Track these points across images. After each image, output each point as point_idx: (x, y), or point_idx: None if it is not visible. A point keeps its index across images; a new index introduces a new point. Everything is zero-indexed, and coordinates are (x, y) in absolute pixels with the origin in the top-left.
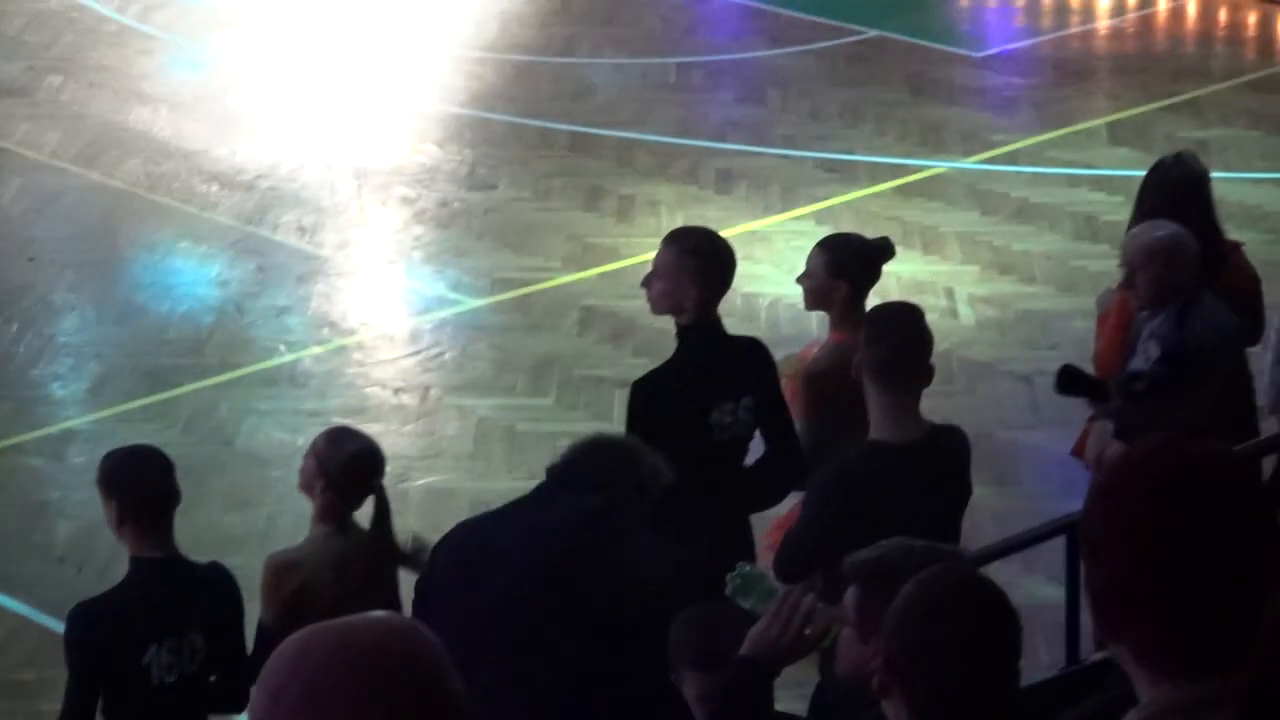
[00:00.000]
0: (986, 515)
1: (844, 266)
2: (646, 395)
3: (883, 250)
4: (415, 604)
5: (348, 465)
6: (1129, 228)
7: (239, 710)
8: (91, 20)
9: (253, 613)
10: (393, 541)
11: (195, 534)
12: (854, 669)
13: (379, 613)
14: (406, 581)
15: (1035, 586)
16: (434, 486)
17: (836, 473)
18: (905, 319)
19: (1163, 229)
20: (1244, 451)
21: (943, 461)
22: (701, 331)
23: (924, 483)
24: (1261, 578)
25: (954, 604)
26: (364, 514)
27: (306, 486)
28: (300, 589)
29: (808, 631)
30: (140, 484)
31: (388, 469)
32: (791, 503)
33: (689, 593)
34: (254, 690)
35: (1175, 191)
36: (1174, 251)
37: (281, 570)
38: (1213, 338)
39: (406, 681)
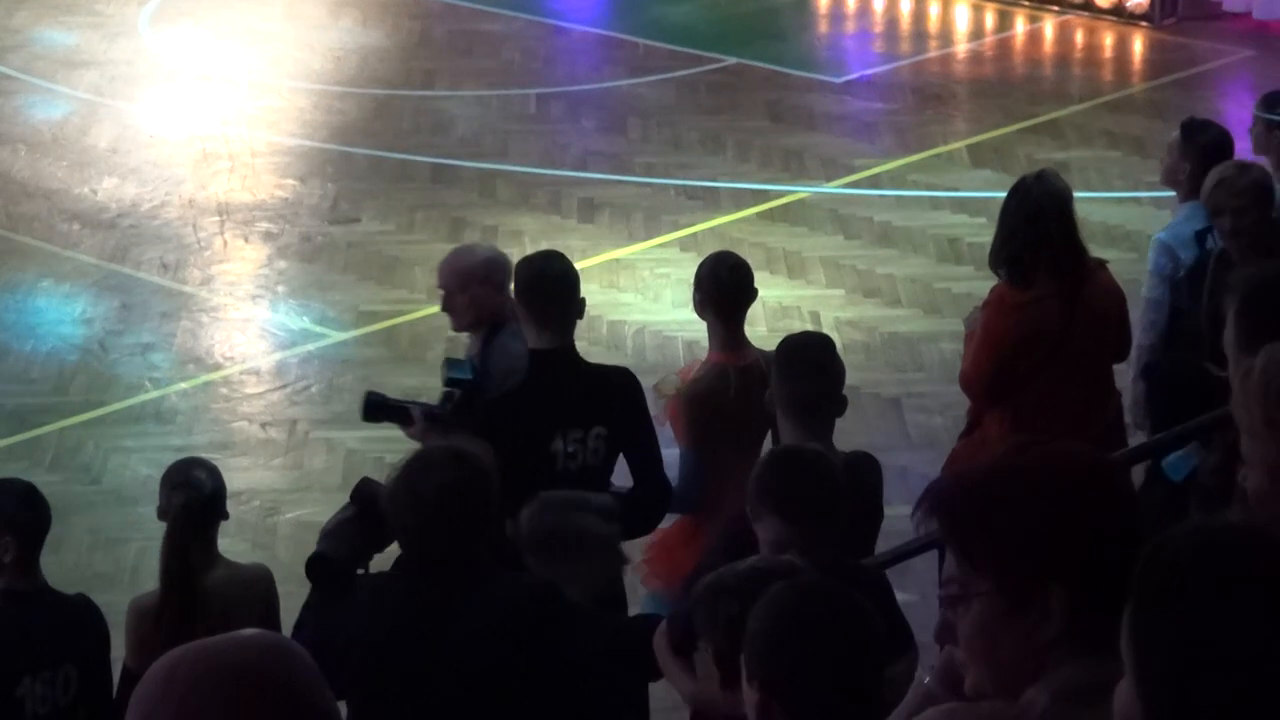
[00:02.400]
0: (897, 536)
1: (706, 297)
2: (487, 420)
3: (734, 274)
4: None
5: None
6: (993, 247)
7: None
8: None
9: (119, 652)
10: (185, 570)
11: (64, 572)
12: (711, 690)
13: (249, 631)
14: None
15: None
16: (303, 520)
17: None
18: (815, 353)
19: (478, 254)
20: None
21: (858, 488)
22: (549, 357)
23: None
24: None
25: (809, 607)
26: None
27: (162, 514)
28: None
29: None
30: (29, 515)
31: (256, 503)
32: (672, 526)
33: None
34: (127, 714)
35: (1037, 209)
36: (488, 273)
37: (144, 613)
38: (512, 363)
39: (273, 701)
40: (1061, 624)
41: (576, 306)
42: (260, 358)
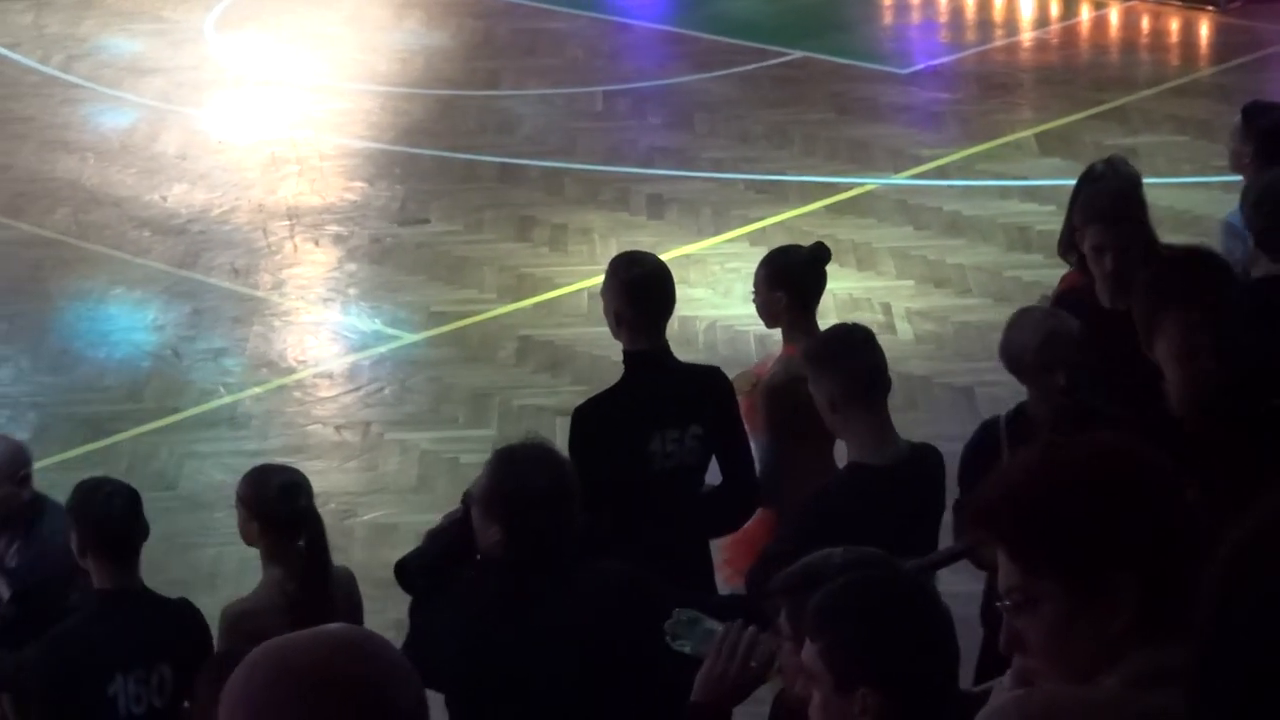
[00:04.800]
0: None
1: (779, 277)
2: (585, 421)
3: (815, 255)
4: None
5: (277, 498)
6: (1061, 236)
7: None
8: (14, 72)
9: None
10: (327, 568)
11: (141, 578)
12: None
13: (332, 627)
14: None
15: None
16: (379, 522)
17: (818, 494)
18: (855, 337)
19: None
20: None
21: (920, 482)
22: (646, 358)
23: (902, 504)
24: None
25: (890, 597)
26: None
27: (246, 535)
28: (254, 637)
29: (753, 664)
30: (101, 515)
31: (331, 506)
32: (751, 521)
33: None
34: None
35: (1109, 197)
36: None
37: (237, 620)
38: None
39: (339, 698)
40: (1133, 613)
41: (670, 306)
42: (332, 360)
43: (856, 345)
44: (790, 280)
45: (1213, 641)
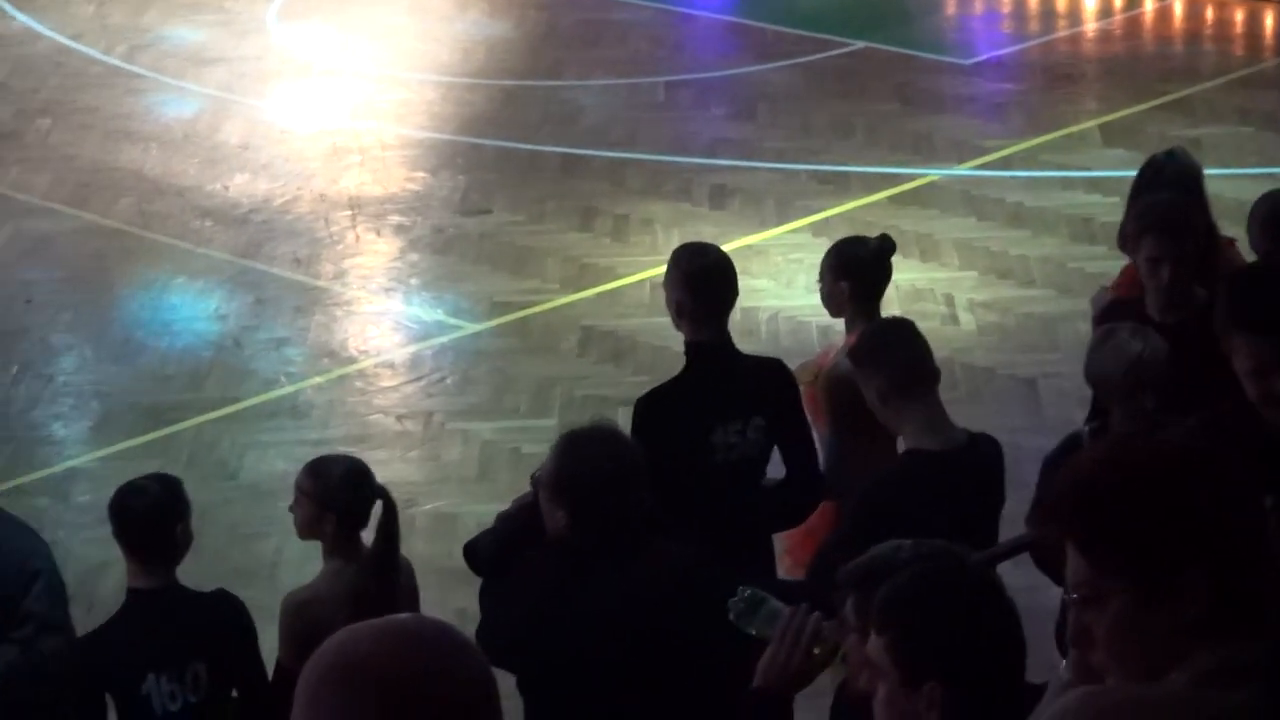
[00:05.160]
0: (1012, 523)
1: (844, 268)
2: (646, 412)
3: (882, 248)
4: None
5: (342, 486)
6: (1122, 227)
7: None
8: (78, 63)
9: (269, 645)
10: (397, 549)
11: (201, 569)
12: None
13: (400, 617)
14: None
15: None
16: (441, 511)
17: (875, 482)
18: (900, 328)
19: None
20: None
21: (981, 469)
22: (708, 349)
23: (963, 490)
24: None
25: (958, 590)
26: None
27: (308, 526)
28: (316, 626)
29: (816, 651)
30: (126, 514)
31: (394, 496)
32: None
33: None
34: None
35: (1169, 187)
36: None
37: (297, 609)
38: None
39: (405, 691)
40: (1202, 610)
41: (733, 298)
42: (394, 350)
43: (897, 338)
44: (856, 271)
45: None
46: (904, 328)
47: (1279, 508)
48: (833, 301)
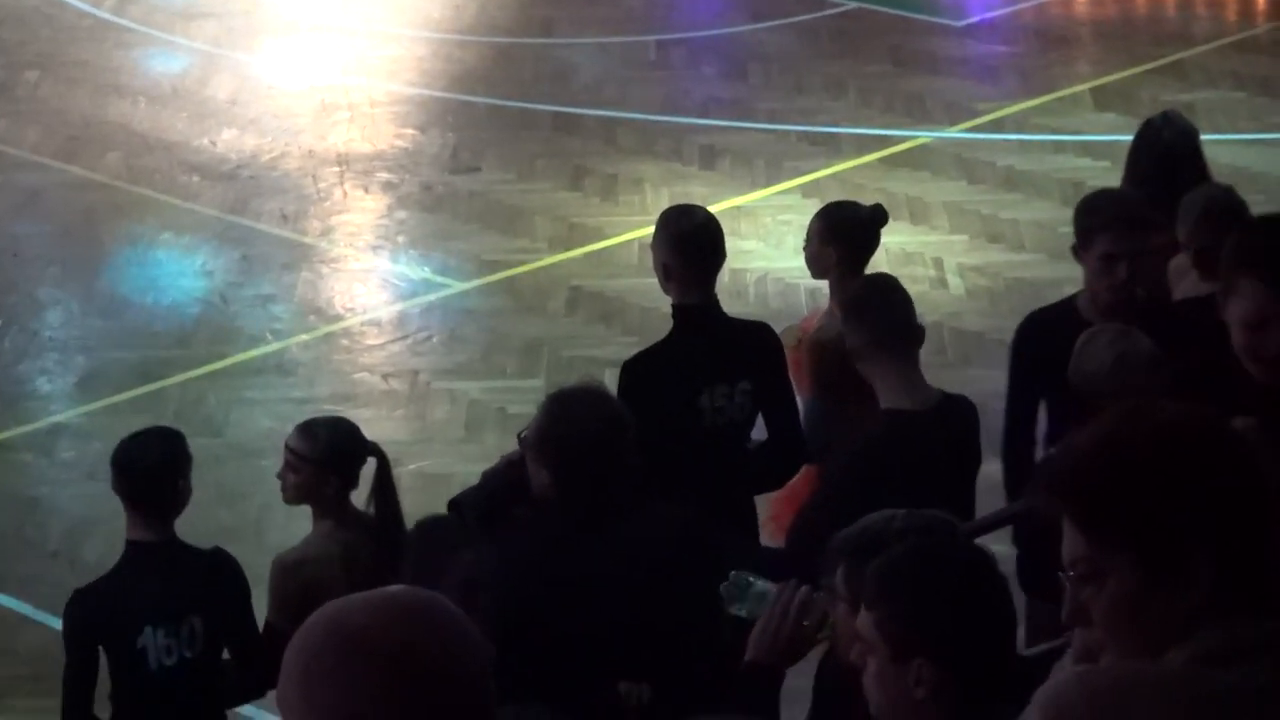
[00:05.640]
0: (983, 484)
1: (833, 233)
2: (633, 375)
3: (874, 217)
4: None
5: (339, 447)
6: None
7: (255, 698)
8: (68, 16)
9: (259, 603)
10: (399, 516)
11: (186, 526)
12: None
13: (395, 590)
14: None
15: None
16: (426, 471)
17: (853, 442)
18: (885, 287)
19: None
20: None
21: (957, 428)
22: (695, 312)
23: (939, 450)
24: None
25: (949, 567)
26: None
27: (303, 490)
28: (308, 587)
29: (806, 624)
30: (127, 466)
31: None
32: (796, 477)
33: None
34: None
35: (1169, 151)
36: None
37: (289, 569)
38: None
39: (397, 665)
40: (1206, 587)
41: (720, 260)
42: (381, 308)
43: (882, 296)
44: (844, 237)
45: None
46: (890, 286)
47: None
48: (818, 265)
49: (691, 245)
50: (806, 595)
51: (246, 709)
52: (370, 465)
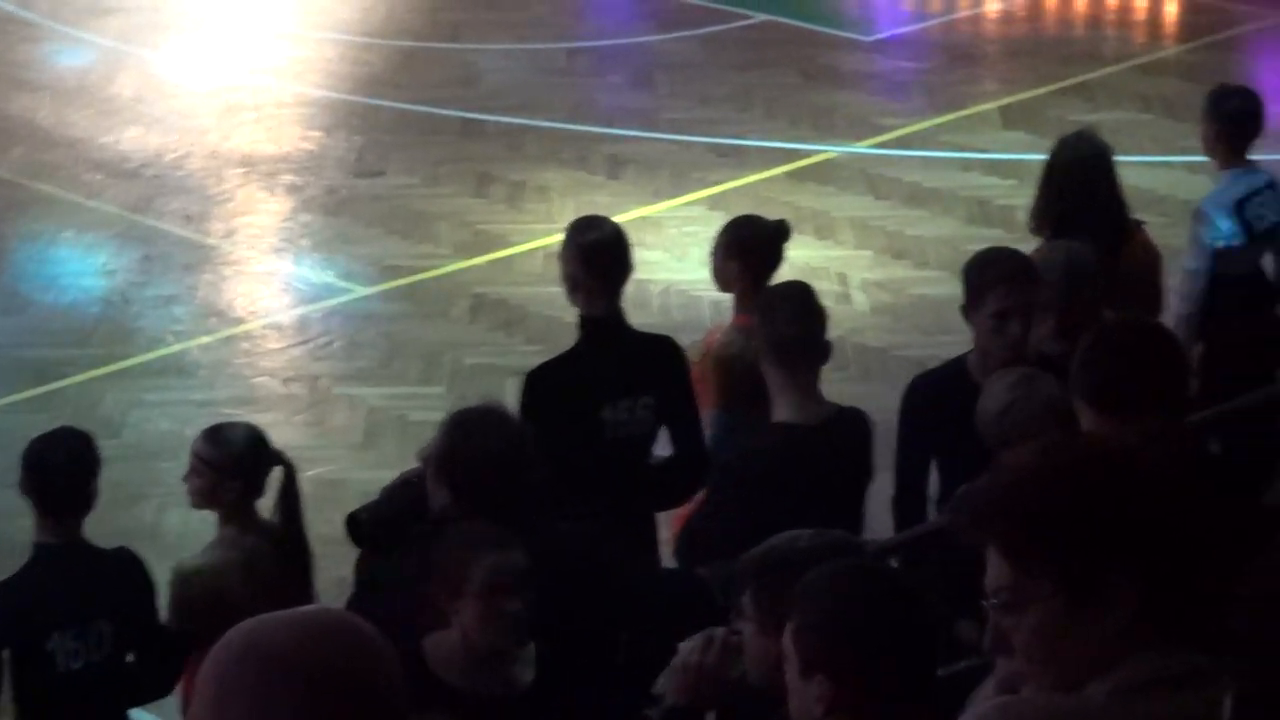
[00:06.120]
0: (882, 502)
1: (738, 247)
2: (536, 387)
3: (777, 231)
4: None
5: (244, 453)
6: (1034, 207)
7: (160, 697)
8: None
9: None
10: (302, 526)
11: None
12: (764, 667)
13: (311, 610)
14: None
15: None
16: (324, 477)
17: (742, 456)
18: (797, 298)
19: None
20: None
21: (848, 443)
22: (600, 324)
23: (829, 465)
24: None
25: (859, 588)
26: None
27: (206, 495)
28: (208, 594)
29: (721, 663)
30: (35, 468)
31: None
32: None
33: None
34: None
35: (1085, 167)
36: None
37: (189, 577)
38: None
39: (314, 684)
40: (1128, 616)
41: (626, 273)
42: (283, 312)
43: (789, 306)
44: (749, 252)
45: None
46: (799, 297)
47: None
48: (722, 278)
49: (598, 257)
50: (722, 637)
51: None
52: (279, 472)
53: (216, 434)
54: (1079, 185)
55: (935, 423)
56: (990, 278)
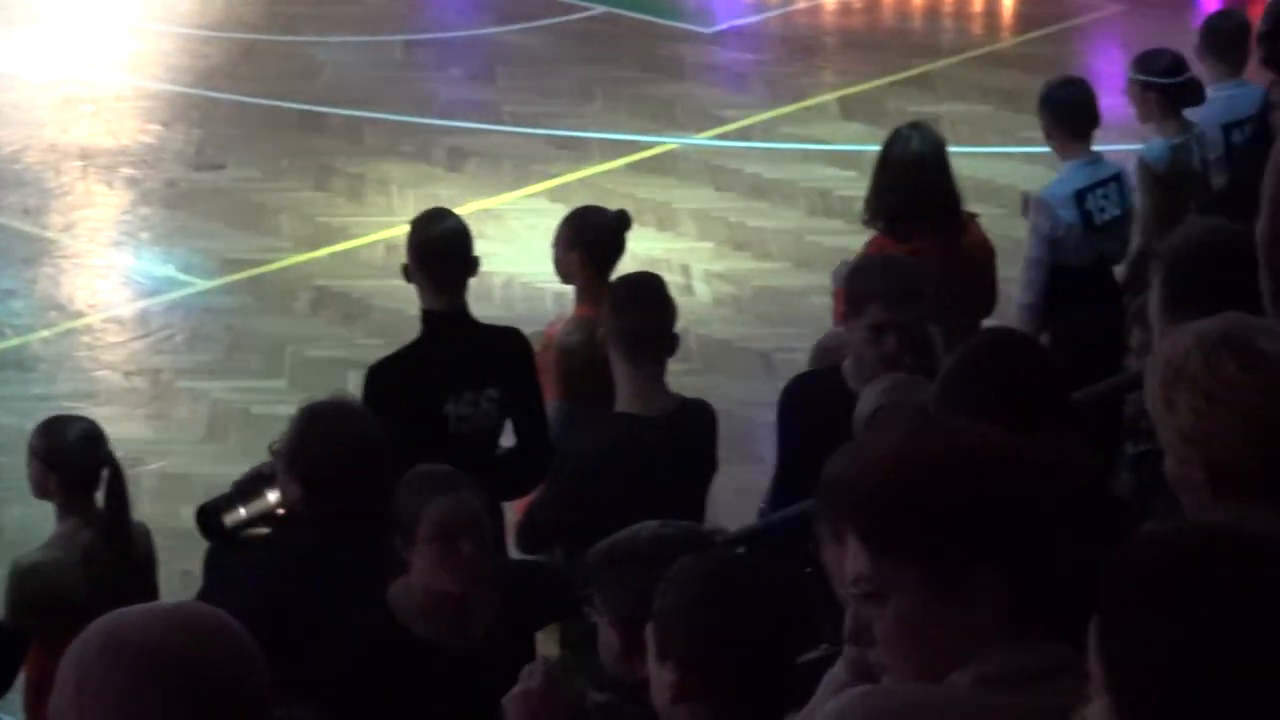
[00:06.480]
0: (729, 492)
1: (579, 238)
2: (378, 381)
3: (618, 222)
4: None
5: (70, 448)
6: (868, 199)
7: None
8: None
9: None
10: (128, 517)
11: None
12: (615, 658)
13: (173, 604)
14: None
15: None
16: (167, 471)
17: (584, 446)
18: (647, 289)
19: None
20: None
21: (691, 435)
22: (443, 317)
23: (671, 456)
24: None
25: (731, 585)
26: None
27: (40, 488)
28: (47, 589)
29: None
30: None
31: (120, 454)
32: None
33: None
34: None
35: (917, 160)
36: None
37: (29, 572)
38: None
39: (176, 677)
40: (991, 608)
41: (470, 266)
42: (123, 305)
43: (635, 298)
44: (590, 243)
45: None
46: (649, 288)
47: None
48: (564, 270)
49: (441, 250)
50: (553, 667)
51: None
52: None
53: (49, 426)
54: (910, 179)
55: (809, 425)
56: (871, 291)
